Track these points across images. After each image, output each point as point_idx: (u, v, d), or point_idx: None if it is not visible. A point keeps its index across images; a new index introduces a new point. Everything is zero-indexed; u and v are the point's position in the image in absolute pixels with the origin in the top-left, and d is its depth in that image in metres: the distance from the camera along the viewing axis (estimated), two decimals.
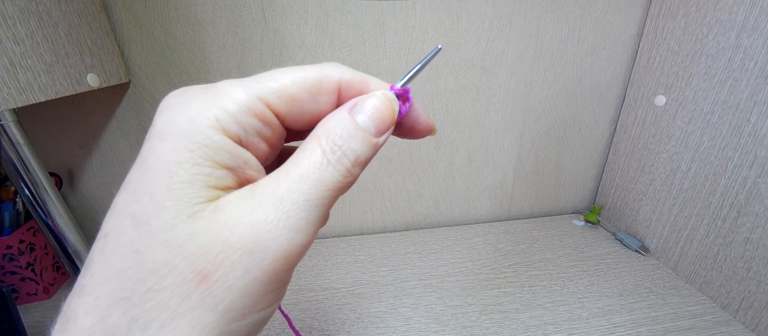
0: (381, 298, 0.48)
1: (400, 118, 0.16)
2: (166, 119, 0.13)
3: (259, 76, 0.14)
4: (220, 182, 0.13)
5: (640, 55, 0.56)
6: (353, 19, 0.49)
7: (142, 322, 0.11)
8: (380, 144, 0.15)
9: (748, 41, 0.41)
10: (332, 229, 0.63)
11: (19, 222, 0.47)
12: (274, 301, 0.14)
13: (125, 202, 0.12)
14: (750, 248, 0.43)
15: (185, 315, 0.11)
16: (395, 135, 0.18)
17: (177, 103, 0.13)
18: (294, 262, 0.13)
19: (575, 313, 0.45)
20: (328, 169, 0.14)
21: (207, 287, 0.11)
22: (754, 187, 0.42)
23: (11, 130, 0.38)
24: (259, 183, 0.13)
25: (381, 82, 0.16)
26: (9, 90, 0.31)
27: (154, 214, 0.12)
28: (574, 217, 0.68)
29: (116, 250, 0.12)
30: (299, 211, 0.13)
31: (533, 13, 0.53)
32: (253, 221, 0.12)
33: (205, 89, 0.13)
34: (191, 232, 0.12)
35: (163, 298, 0.11)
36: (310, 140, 0.14)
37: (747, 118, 0.42)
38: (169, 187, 0.12)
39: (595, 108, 0.62)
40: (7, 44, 0.31)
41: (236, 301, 0.12)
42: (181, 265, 0.11)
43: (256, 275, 0.12)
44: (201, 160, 0.12)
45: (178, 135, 0.12)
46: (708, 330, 0.43)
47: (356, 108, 0.15)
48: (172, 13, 0.46)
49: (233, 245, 0.12)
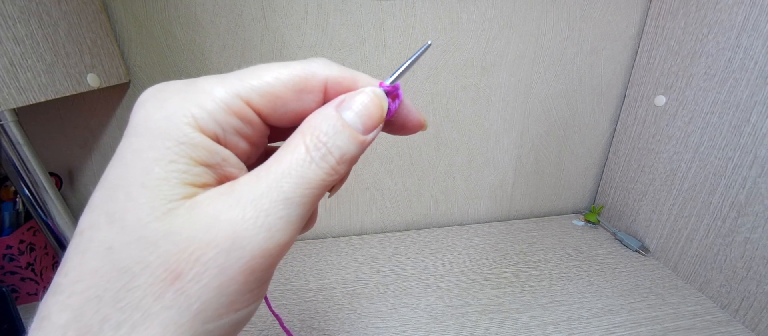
0: (381, 298, 0.48)
1: (389, 116, 0.16)
2: (143, 116, 0.12)
3: (242, 72, 0.14)
4: (198, 179, 0.12)
5: (640, 55, 0.56)
6: (353, 19, 0.49)
7: (114, 321, 0.11)
8: (368, 141, 0.15)
9: (748, 41, 0.41)
10: (332, 229, 0.63)
11: (19, 222, 0.47)
12: (253, 301, 0.13)
13: (101, 198, 0.12)
14: (750, 248, 0.43)
15: (158, 314, 0.11)
16: (386, 132, 0.18)
17: (154, 99, 0.13)
18: (273, 261, 0.13)
19: (575, 313, 0.45)
20: (312, 167, 0.13)
21: (180, 286, 0.11)
22: (754, 187, 0.42)
23: (11, 130, 0.38)
24: (239, 180, 0.13)
25: (370, 79, 0.16)
26: (9, 90, 0.31)
27: (128, 210, 0.11)
28: (574, 217, 0.68)
29: (90, 247, 0.11)
30: (278, 210, 0.12)
31: (533, 13, 0.53)
32: (229, 219, 0.12)
33: (184, 85, 0.13)
34: (166, 230, 0.11)
35: (135, 298, 0.11)
36: (294, 137, 0.14)
37: (747, 118, 0.42)
38: (144, 184, 0.12)
39: (595, 108, 0.62)
40: (7, 44, 0.31)
41: (211, 301, 0.12)
42: (155, 264, 0.11)
43: (231, 275, 0.12)
44: (177, 157, 0.12)
45: (155, 132, 0.12)
46: (708, 330, 0.43)
47: (343, 105, 0.14)
48: (172, 13, 0.46)
49: (208, 243, 0.11)
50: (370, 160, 0.58)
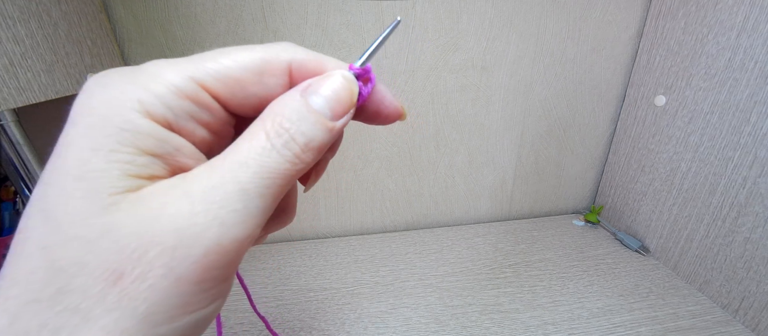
0: (381, 298, 0.48)
1: (361, 101, 0.15)
2: (82, 103, 0.11)
3: (196, 56, 0.13)
4: (144, 170, 0.11)
5: (640, 55, 0.56)
6: (353, 19, 0.49)
7: (52, 326, 0.10)
8: (337, 128, 0.14)
9: (748, 41, 0.41)
10: (332, 229, 0.63)
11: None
12: (212, 300, 0.12)
13: (37, 196, 0.11)
14: (750, 248, 0.43)
15: (99, 318, 0.10)
16: (360, 120, 0.17)
17: (97, 84, 0.12)
18: (231, 258, 0.12)
19: (575, 313, 0.45)
20: (272, 155, 0.12)
21: (123, 288, 0.10)
22: (754, 187, 0.42)
23: (11, 130, 0.38)
24: (192, 172, 0.12)
25: (339, 62, 0.15)
26: (9, 90, 0.31)
27: (63, 207, 0.10)
28: (574, 217, 0.68)
29: (25, 248, 0.11)
30: (233, 202, 0.11)
31: (533, 13, 0.53)
32: (176, 213, 0.11)
33: (130, 71, 0.12)
34: (104, 227, 0.10)
35: (73, 300, 0.10)
36: (254, 124, 0.13)
37: (747, 118, 0.42)
38: (80, 177, 0.11)
39: (595, 108, 0.62)
40: (7, 44, 0.31)
41: (160, 303, 0.10)
42: (93, 264, 0.10)
43: (181, 273, 0.11)
44: (119, 146, 0.11)
45: (94, 119, 0.11)
46: (708, 330, 0.43)
47: (310, 89, 0.14)
48: (172, 13, 0.46)
49: (152, 240, 0.10)
50: (370, 160, 0.58)
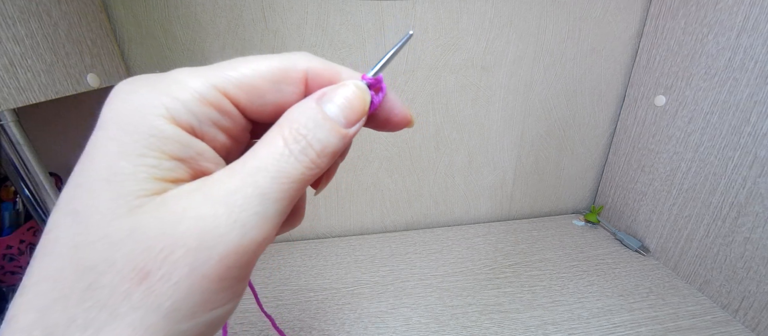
0: (381, 298, 0.48)
1: (373, 109, 0.16)
2: (112, 109, 0.12)
3: (219, 64, 0.14)
4: (169, 174, 0.12)
5: (640, 55, 0.56)
6: (353, 19, 0.49)
7: (81, 321, 0.10)
8: (350, 135, 0.15)
9: (748, 41, 0.41)
10: (332, 229, 0.63)
11: (19, 222, 0.47)
12: (230, 299, 0.13)
13: (67, 197, 0.12)
14: (750, 248, 0.43)
15: (126, 315, 0.11)
16: (371, 127, 0.18)
17: (124, 92, 0.12)
18: (249, 259, 0.12)
19: (575, 313, 0.45)
20: (290, 161, 0.13)
21: (149, 286, 0.11)
22: (754, 187, 0.42)
23: (11, 130, 0.38)
24: (213, 175, 0.12)
25: (352, 72, 0.16)
26: (9, 90, 0.31)
27: (93, 208, 0.11)
28: (574, 217, 0.68)
29: (56, 247, 0.11)
30: (253, 206, 0.12)
31: (533, 13, 0.53)
32: (199, 216, 0.11)
33: (157, 78, 0.13)
34: (131, 227, 0.11)
35: (102, 297, 0.11)
36: (272, 130, 0.13)
37: (747, 118, 0.42)
38: (108, 179, 0.11)
39: (595, 108, 0.62)
40: (7, 44, 0.31)
41: (183, 300, 0.11)
42: (120, 262, 0.11)
43: (203, 273, 0.11)
44: (146, 151, 0.12)
45: (123, 125, 0.12)
46: (708, 330, 0.43)
47: (325, 97, 0.14)
48: (172, 13, 0.46)
49: (176, 241, 0.11)
50: (370, 160, 0.58)
